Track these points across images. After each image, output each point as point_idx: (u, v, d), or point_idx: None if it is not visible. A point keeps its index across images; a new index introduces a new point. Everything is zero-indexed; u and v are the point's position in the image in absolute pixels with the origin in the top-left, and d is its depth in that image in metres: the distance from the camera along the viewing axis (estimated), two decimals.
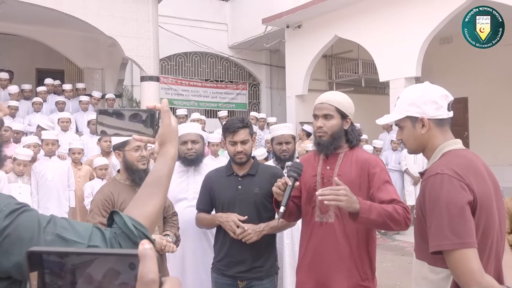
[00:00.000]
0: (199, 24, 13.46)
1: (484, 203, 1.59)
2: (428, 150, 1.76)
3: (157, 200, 1.20)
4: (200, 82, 14.16)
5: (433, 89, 1.77)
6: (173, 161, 1.25)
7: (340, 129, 2.35)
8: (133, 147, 2.77)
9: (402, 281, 5.32)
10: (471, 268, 1.49)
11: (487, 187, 1.63)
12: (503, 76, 11.00)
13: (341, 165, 2.35)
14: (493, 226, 1.62)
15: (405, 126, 1.79)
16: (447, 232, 1.52)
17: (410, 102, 1.75)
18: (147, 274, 0.54)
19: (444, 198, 1.54)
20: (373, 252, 2.34)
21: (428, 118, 1.72)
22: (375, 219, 2.07)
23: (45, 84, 9.88)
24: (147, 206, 1.17)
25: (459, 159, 1.66)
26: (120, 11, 9.65)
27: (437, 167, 1.63)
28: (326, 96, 2.42)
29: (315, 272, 2.33)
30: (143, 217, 1.13)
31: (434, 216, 1.56)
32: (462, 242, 1.50)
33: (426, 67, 9.57)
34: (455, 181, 1.56)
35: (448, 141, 1.73)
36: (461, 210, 1.53)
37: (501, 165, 10.08)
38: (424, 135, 1.74)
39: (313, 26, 11.06)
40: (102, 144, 5.98)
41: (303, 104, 11.56)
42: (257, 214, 2.68)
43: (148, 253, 0.54)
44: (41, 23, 10.51)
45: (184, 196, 3.25)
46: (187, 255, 3.19)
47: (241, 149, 2.74)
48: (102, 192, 2.76)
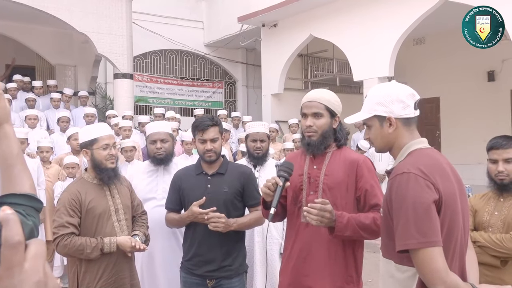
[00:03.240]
0: (175, 21, 13.35)
1: (448, 202, 1.60)
2: (395, 148, 1.77)
3: (28, 172, 1.31)
4: (175, 80, 14.05)
5: (400, 88, 1.77)
6: (15, 136, 1.32)
7: (329, 128, 2.29)
8: (101, 146, 2.73)
9: (373, 278, 5.39)
10: (436, 267, 1.51)
11: (452, 186, 1.65)
12: (475, 76, 11.26)
13: (328, 165, 2.29)
14: (457, 225, 1.63)
15: (372, 125, 1.79)
16: (413, 231, 1.53)
17: (378, 101, 1.75)
18: (12, 237, 0.54)
19: (411, 197, 1.55)
20: (359, 255, 2.30)
21: (395, 117, 1.72)
22: (349, 235, 2.11)
23: (14, 81, 9.63)
24: (26, 180, 1.29)
25: (425, 158, 1.66)
26: (92, 7, 9.50)
27: (403, 166, 1.64)
28: (315, 94, 2.34)
29: (299, 274, 2.27)
30: (32, 189, 1.30)
31: (401, 215, 1.57)
32: (427, 241, 1.51)
33: (399, 67, 9.72)
34: (421, 180, 1.56)
35: (414, 140, 1.73)
36: (427, 209, 1.54)
37: (471, 163, 10.32)
38: (392, 134, 1.74)
39: (288, 25, 11.10)
40: (72, 142, 5.86)
41: (279, 102, 11.60)
42: (226, 213, 2.66)
43: (10, 217, 0.55)
44: (11, 18, 10.25)
45: (153, 196, 3.22)
46: (156, 254, 3.16)
47: (211, 147, 2.72)
48: (69, 191, 2.71)
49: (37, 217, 1.26)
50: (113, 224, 2.72)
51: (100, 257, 2.62)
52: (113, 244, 2.64)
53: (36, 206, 1.25)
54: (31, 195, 1.24)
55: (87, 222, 2.66)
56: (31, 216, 1.21)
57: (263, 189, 2.19)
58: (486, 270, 2.45)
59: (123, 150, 5.67)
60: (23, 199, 1.22)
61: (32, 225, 1.19)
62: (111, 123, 7.63)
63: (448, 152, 11.75)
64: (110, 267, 2.67)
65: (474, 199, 2.68)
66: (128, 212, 2.84)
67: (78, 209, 2.64)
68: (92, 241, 2.59)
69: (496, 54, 10.21)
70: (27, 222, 1.16)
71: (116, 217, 2.75)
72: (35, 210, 1.24)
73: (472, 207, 2.62)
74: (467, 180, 9.75)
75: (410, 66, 11.88)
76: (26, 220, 1.16)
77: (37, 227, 1.23)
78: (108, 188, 2.78)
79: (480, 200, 2.64)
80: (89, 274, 2.63)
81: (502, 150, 2.47)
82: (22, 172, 1.29)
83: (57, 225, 2.60)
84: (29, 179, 1.30)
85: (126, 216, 2.81)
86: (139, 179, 3.28)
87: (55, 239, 2.58)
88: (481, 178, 2.81)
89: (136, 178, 3.30)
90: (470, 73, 11.26)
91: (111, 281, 2.66)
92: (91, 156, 2.74)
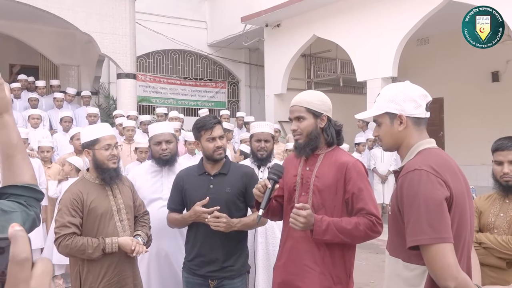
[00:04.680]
0: (178, 21, 13.36)
1: (459, 200, 1.60)
2: (404, 148, 1.77)
3: (28, 162, 1.34)
4: (178, 80, 14.06)
5: (413, 88, 1.78)
6: (15, 126, 1.33)
7: (315, 129, 2.31)
8: (103, 146, 2.73)
9: (375, 278, 5.37)
10: (448, 263, 1.50)
11: (461, 185, 1.65)
12: (479, 77, 11.21)
13: (319, 167, 2.31)
14: (465, 224, 1.63)
15: (383, 122, 1.79)
16: (425, 226, 1.52)
17: (390, 99, 1.76)
18: (19, 253, 0.55)
19: (422, 193, 1.55)
20: (348, 256, 2.31)
21: (406, 116, 1.73)
22: (329, 239, 2.16)
23: (19, 80, 9.65)
24: (27, 170, 1.31)
25: (435, 157, 1.67)
26: (96, 7, 9.51)
27: (414, 163, 1.64)
28: (296, 98, 2.40)
29: (288, 273, 2.33)
30: (33, 179, 1.32)
31: (412, 212, 1.56)
32: (440, 237, 1.51)
33: (403, 68, 9.69)
34: (432, 177, 1.56)
35: (423, 140, 1.74)
36: (439, 205, 1.53)
37: (474, 164, 10.28)
38: (401, 133, 1.74)
39: (292, 25, 11.08)
40: (75, 142, 5.86)
41: (281, 103, 11.58)
42: (228, 213, 2.65)
43: (19, 234, 0.56)
44: (15, 18, 10.29)
45: (159, 196, 3.21)
46: (163, 254, 3.17)
47: (221, 144, 2.72)
48: (71, 191, 2.71)
49: (38, 207, 1.31)
50: (115, 224, 2.72)
51: (103, 257, 2.61)
52: (115, 244, 2.63)
53: (36, 197, 1.29)
54: (32, 186, 1.28)
55: (89, 222, 2.66)
56: (33, 207, 1.26)
57: (254, 191, 2.25)
58: (492, 271, 2.44)
59: (138, 150, 5.69)
60: (24, 190, 1.26)
61: (34, 215, 1.25)
62: (116, 123, 7.66)
63: (452, 153, 11.64)
64: (113, 267, 2.66)
65: (479, 201, 2.66)
66: (130, 212, 2.83)
67: (80, 209, 2.64)
68: (94, 241, 2.59)
69: (501, 54, 10.17)
70: (29, 213, 1.23)
71: (118, 217, 2.75)
72: (36, 200, 1.29)
73: (477, 209, 2.60)
74: (471, 181, 9.73)
75: (414, 67, 11.83)
76: (28, 210, 1.23)
77: (38, 217, 1.29)
78: (110, 188, 2.78)
79: (485, 202, 2.62)
80: (91, 274, 2.63)
81: (508, 151, 2.46)
82: (22, 161, 1.30)
83: (59, 225, 2.60)
84: (29, 169, 1.32)
85: (128, 216, 2.80)
86: (143, 180, 3.28)
87: (56, 239, 2.58)
88: (485, 179, 2.79)
89: (140, 179, 3.29)
90: (474, 73, 11.21)
91: (114, 281, 2.66)
92: (93, 156, 2.74)
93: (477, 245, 2.48)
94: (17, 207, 1.20)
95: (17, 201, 1.23)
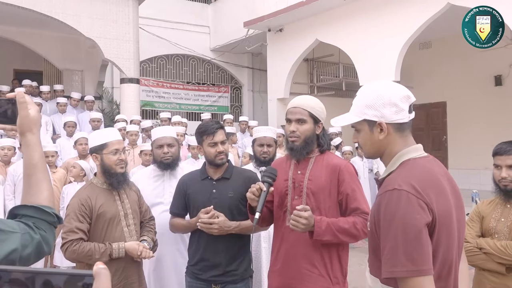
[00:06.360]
0: (181, 26, 13.42)
1: (443, 222, 1.45)
2: (387, 156, 1.59)
3: (47, 182, 1.30)
4: (181, 84, 14.10)
5: (393, 89, 1.56)
6: (39, 146, 1.32)
7: (312, 134, 2.37)
8: (111, 150, 2.74)
9: None
10: None
11: (448, 203, 1.49)
12: (482, 81, 11.20)
13: (311, 170, 2.36)
14: (452, 243, 1.50)
15: (361, 129, 1.61)
16: (401, 257, 1.37)
17: (368, 104, 1.56)
18: None
19: (401, 219, 1.39)
20: (344, 256, 2.35)
21: (387, 123, 1.54)
22: (328, 239, 2.19)
23: (23, 85, 9.71)
24: (43, 190, 1.28)
25: (418, 171, 1.49)
26: (99, 13, 9.57)
27: (394, 181, 1.47)
28: (299, 100, 2.41)
29: (286, 277, 2.34)
30: (48, 200, 1.27)
31: (389, 238, 1.41)
32: (418, 269, 1.36)
33: (406, 72, 9.70)
34: (413, 199, 1.40)
35: (408, 148, 1.56)
36: (418, 233, 1.37)
37: (478, 168, 10.27)
38: (383, 141, 1.56)
39: (294, 30, 11.11)
40: (78, 147, 5.90)
41: (284, 107, 11.51)
42: (231, 218, 2.68)
43: (102, 272, 0.61)
44: (19, 24, 10.35)
45: (160, 201, 3.23)
46: (165, 259, 3.17)
47: (222, 149, 2.75)
48: (79, 196, 2.72)
49: (49, 230, 1.23)
50: (122, 229, 2.74)
51: (109, 263, 2.62)
52: (122, 249, 2.65)
53: (47, 219, 1.23)
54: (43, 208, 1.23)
55: (97, 227, 2.68)
56: (41, 230, 1.19)
57: (248, 194, 2.27)
58: (493, 276, 2.45)
59: (143, 153, 5.72)
60: (34, 211, 1.21)
61: (39, 239, 1.17)
62: (117, 127, 7.67)
63: (455, 157, 11.71)
64: (119, 272, 2.68)
65: (482, 205, 2.68)
66: (136, 217, 2.85)
67: (88, 215, 2.65)
68: (101, 247, 2.61)
69: (504, 58, 10.18)
70: (33, 235, 1.16)
71: (125, 222, 2.76)
72: (47, 223, 1.22)
73: (480, 213, 2.61)
74: (474, 185, 9.71)
75: (417, 71, 11.84)
76: (32, 233, 1.16)
77: (46, 241, 1.20)
78: (117, 193, 2.80)
79: (487, 206, 2.64)
80: None
81: (506, 156, 2.48)
82: (40, 182, 1.28)
83: (66, 230, 2.61)
84: (46, 189, 1.29)
85: (135, 221, 2.82)
86: (145, 184, 3.30)
87: (63, 244, 2.59)
88: (488, 183, 2.81)
89: (142, 183, 3.31)
90: (477, 77, 11.21)
91: (120, 286, 2.68)
92: (101, 161, 2.76)
93: (478, 250, 2.49)
94: (20, 228, 1.15)
95: (25, 222, 1.18)
